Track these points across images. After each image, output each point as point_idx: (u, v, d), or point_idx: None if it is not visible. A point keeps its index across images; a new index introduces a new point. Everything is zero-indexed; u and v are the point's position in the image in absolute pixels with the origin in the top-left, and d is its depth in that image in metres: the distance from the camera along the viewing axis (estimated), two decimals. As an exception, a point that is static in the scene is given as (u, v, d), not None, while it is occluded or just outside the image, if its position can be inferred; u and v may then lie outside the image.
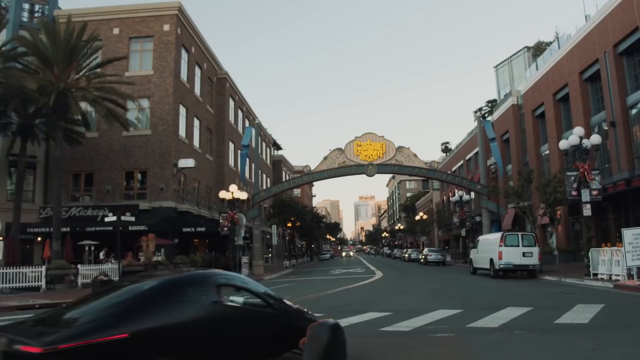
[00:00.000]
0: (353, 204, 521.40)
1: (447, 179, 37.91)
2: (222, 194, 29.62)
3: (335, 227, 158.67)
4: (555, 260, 32.88)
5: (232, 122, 50.95)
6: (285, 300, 7.15)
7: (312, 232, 72.84)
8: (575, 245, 32.84)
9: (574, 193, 20.27)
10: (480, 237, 28.91)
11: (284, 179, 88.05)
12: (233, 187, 29.89)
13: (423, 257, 46.51)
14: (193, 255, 33.00)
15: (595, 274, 19.15)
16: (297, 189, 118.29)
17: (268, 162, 73.13)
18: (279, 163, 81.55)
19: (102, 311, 5.58)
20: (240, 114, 55.76)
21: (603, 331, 8.71)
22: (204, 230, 34.24)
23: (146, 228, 31.70)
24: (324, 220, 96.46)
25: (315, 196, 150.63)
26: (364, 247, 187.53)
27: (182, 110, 38.47)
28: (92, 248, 32.18)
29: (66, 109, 29.04)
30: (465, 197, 42.88)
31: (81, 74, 30.20)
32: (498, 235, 24.82)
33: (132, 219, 23.07)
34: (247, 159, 40.10)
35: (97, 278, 20.05)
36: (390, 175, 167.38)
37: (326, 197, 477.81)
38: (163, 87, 36.31)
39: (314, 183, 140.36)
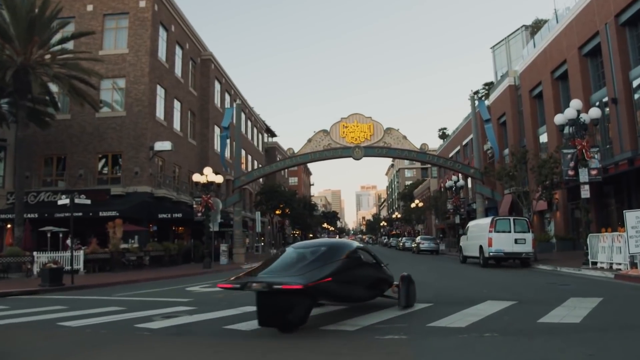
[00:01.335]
0: (355, 193, 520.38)
1: (438, 162, 35.70)
2: (196, 177, 27.65)
3: (334, 216, 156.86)
4: (553, 248, 30.98)
5: (218, 105, 48.92)
6: (384, 264, 10.30)
7: (305, 220, 70.79)
8: (574, 233, 30.91)
9: (570, 173, 18.28)
10: (470, 223, 26.83)
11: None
12: (207, 170, 27.93)
13: (415, 245, 44.58)
14: (168, 242, 31.03)
15: (595, 263, 17.20)
16: (294, 178, 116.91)
17: (260, 148, 71.05)
18: (273, 150, 79.44)
19: (311, 264, 7.94)
20: (227, 97, 53.68)
21: (598, 334, 6.74)
22: (181, 216, 32.31)
23: (117, 214, 29.90)
24: (316, 208, 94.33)
25: (313, 185, 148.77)
26: (363, 237, 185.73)
27: (160, 91, 36.45)
28: (61, 235, 30.28)
29: (29, 87, 27.06)
30: (460, 182, 40.89)
31: (47, 50, 28.23)
32: (488, 220, 22.75)
33: (88, 201, 21.07)
34: (228, 142, 38.04)
35: (46, 266, 18.17)
36: (390, 164, 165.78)
37: (327, 187, 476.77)
38: (138, 66, 34.29)
39: (312, 171, 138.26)
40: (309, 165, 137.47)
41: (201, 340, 7.36)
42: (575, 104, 18.35)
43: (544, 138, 35.01)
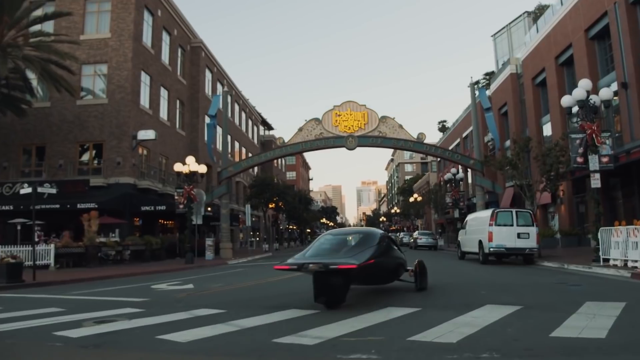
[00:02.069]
0: (355, 189, 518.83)
1: (436, 153, 33.82)
2: (178, 167, 25.97)
3: (333, 211, 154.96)
4: (557, 244, 29.30)
5: (209, 95, 47.16)
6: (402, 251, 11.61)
7: (301, 214, 69.05)
8: (580, 227, 29.21)
9: (579, 160, 16.56)
10: (469, 216, 25.00)
11: (275, 163, 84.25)
12: (190, 159, 26.27)
13: (412, 240, 42.87)
14: (150, 236, 29.36)
15: (607, 260, 15.49)
16: (292, 172, 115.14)
17: (255, 141, 69.39)
18: (270, 143, 77.55)
19: (355, 248, 9.16)
20: (220, 87, 51.89)
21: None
22: (165, 208, 30.64)
23: (96, 206, 28.27)
24: (312, 202, 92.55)
25: (312, 179, 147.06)
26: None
27: (145, 78, 34.77)
28: (38, 228, 28.61)
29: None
30: (460, 175, 39.17)
31: (19, 31, 26.59)
32: (488, 212, 20.86)
33: (53, 191, 19.50)
34: (215, 131, 36.39)
35: (3, 260, 16.51)
36: (389, 159, 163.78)
37: (328, 183, 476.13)
38: (121, 51, 32.60)
39: (313, 166, 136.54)
40: (308, 159, 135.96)
41: (116, 355, 5.73)
42: (585, 83, 16.63)
43: (547, 129, 33.32)
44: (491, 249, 19.48)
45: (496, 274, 15.26)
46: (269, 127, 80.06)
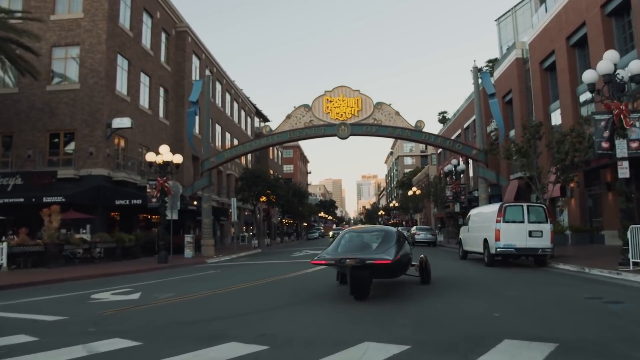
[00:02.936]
0: (355, 183, 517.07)
1: (436, 142, 30.99)
2: (149, 157, 23.46)
3: (331, 205, 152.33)
4: (567, 241, 26.78)
5: (197, 82, 44.49)
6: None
7: (297, 208, 66.53)
8: (592, 224, 26.72)
9: (604, 145, 13.99)
10: (472, 211, 22.21)
11: (271, 155, 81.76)
12: (164, 148, 23.77)
13: (410, 235, 40.28)
14: (121, 233, 26.88)
15: (637, 263, 13.02)
16: (289, 165, 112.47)
17: (249, 132, 66.81)
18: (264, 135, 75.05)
19: (383, 245, 9.93)
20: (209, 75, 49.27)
21: None
22: (140, 202, 28.11)
23: (63, 199, 25.85)
24: (307, 195, 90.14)
25: (310, 173, 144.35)
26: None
27: (122, 62, 32.22)
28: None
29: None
30: (461, 166, 36.65)
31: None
32: (495, 207, 18.06)
33: None
34: (197, 119, 33.88)
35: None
36: (389, 152, 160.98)
37: (328, 177, 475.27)
38: (95, 32, 30.06)
39: (313, 160, 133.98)
40: (307, 152, 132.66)
41: None
42: (611, 55, 14.11)
43: (556, 117, 30.77)
44: (498, 249, 16.87)
45: (507, 283, 12.71)
46: (264, 118, 77.41)
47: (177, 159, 24.14)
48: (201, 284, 14.27)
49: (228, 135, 53.77)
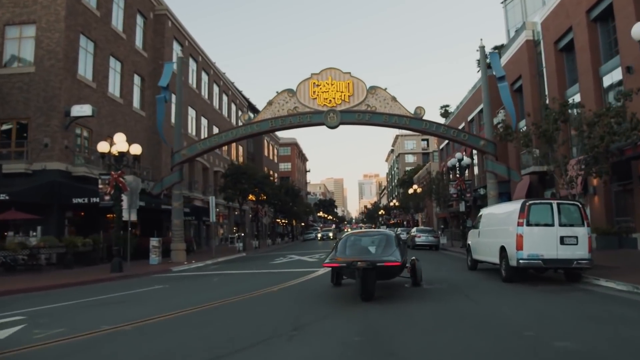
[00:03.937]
0: (357, 182, 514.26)
1: (438, 131, 26.84)
2: (101, 147, 19.92)
3: (331, 204, 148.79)
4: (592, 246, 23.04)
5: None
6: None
7: (292, 208, 62.93)
8: (619, 225, 23.10)
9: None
10: (484, 211, 17.90)
11: (265, 152, 78.24)
12: (119, 137, 20.23)
13: (410, 238, 36.61)
14: (72, 236, 23.36)
15: None
16: (286, 163, 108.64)
17: (241, 128, 63.19)
18: (259, 131, 71.57)
19: (388, 248, 10.80)
20: (193, 64, 45.82)
21: None
22: (98, 201, 24.56)
23: (7, 197, 22.42)
24: (302, 194, 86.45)
25: (309, 171, 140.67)
26: (362, 226, 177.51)
27: (86, 44, 28.74)
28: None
29: None
30: (466, 160, 33.07)
31: None
32: (515, 205, 13.91)
33: None
34: (172, 107, 30.36)
35: None
36: (389, 149, 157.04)
37: (330, 176, 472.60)
38: (52, 9, 26.61)
39: (313, 159, 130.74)
40: (306, 150, 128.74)
41: None
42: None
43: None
44: (521, 261, 12.89)
45: (544, 316, 8.94)
46: (257, 112, 73.81)
47: (135, 149, 20.64)
48: (120, 310, 10.73)
49: (216, 130, 50.22)
